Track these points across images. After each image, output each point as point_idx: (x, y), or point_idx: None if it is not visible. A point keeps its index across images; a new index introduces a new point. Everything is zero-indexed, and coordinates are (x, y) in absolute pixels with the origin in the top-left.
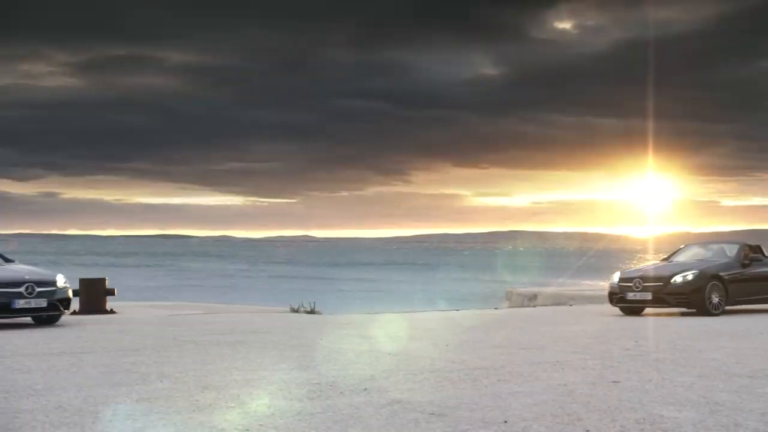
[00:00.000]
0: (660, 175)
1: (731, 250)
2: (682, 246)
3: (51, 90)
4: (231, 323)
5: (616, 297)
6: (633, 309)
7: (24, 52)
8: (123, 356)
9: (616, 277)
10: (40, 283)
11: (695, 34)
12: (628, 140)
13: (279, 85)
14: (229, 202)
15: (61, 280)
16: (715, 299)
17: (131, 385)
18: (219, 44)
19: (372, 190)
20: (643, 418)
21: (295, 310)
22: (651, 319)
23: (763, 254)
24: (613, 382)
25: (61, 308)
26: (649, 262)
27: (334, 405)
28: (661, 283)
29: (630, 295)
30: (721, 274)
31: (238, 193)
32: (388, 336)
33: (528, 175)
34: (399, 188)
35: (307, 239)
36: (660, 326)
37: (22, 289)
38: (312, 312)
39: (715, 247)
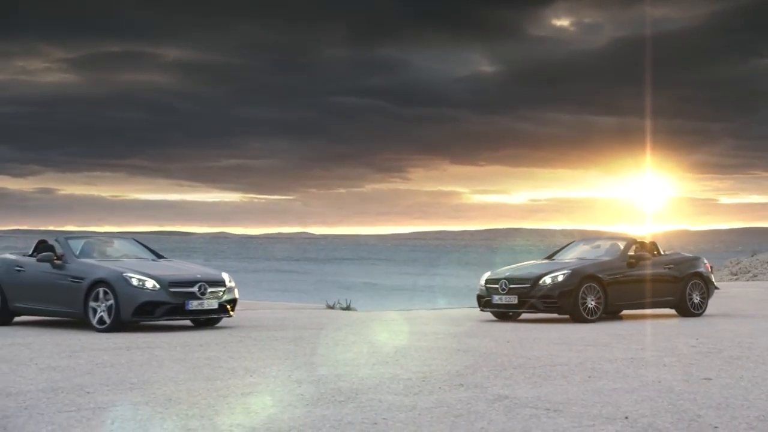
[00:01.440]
0: (657, 173)
1: (619, 247)
2: (569, 242)
3: (47, 86)
4: (275, 319)
5: (483, 300)
6: (506, 314)
7: (20, 48)
8: (192, 351)
9: (483, 278)
10: (211, 283)
11: (691, 32)
12: (626, 138)
13: (276, 82)
14: (226, 199)
15: (228, 280)
16: (591, 303)
17: (224, 380)
18: (216, 41)
19: (370, 188)
20: (763, 416)
21: (330, 307)
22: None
23: (659, 252)
24: (705, 379)
25: (230, 310)
26: (526, 262)
27: (443, 400)
28: (527, 285)
29: (496, 299)
30: (600, 274)
31: (235, 190)
32: (440, 333)
33: (526, 172)
34: (397, 185)
35: (305, 236)
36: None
37: (194, 289)
38: (348, 309)
39: (604, 243)
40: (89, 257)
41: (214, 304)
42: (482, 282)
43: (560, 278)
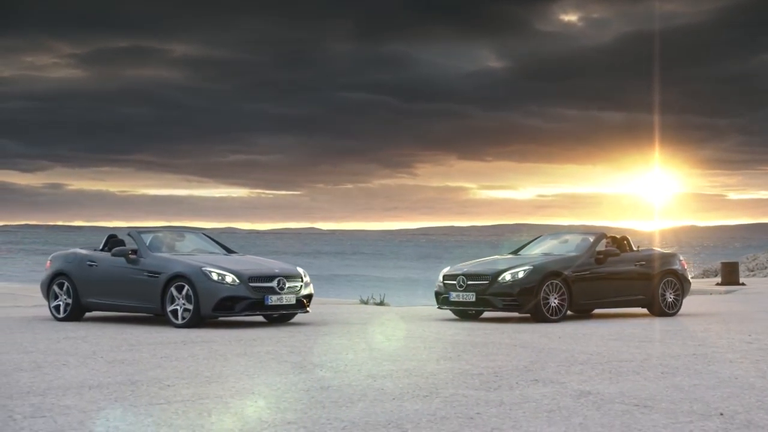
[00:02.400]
0: (666, 169)
1: (588, 242)
2: (537, 237)
3: (55, 81)
4: (315, 315)
5: (441, 297)
6: (467, 312)
7: (28, 43)
8: (249, 346)
9: (442, 273)
10: (289, 277)
11: (699, 27)
12: (634, 133)
13: (283, 77)
14: (233, 194)
15: (304, 274)
16: (554, 302)
17: (295, 374)
18: (223, 36)
19: (377, 183)
20: None
21: (364, 302)
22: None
23: (630, 248)
24: None
25: (306, 306)
26: (488, 257)
27: (527, 395)
28: (486, 282)
29: (453, 296)
30: (564, 271)
31: (242, 186)
32: (486, 328)
33: (533, 168)
34: (404, 181)
35: (313, 231)
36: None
37: (273, 284)
38: (381, 304)
39: (573, 238)
40: (160, 252)
41: (292, 299)
42: (440, 278)
43: (521, 275)
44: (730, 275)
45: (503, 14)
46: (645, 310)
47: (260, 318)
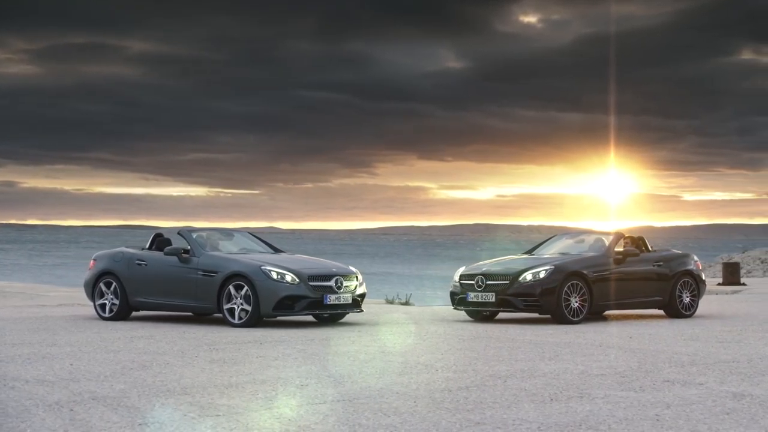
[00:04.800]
0: (622, 170)
1: (605, 242)
2: (551, 236)
3: (9, 78)
4: (360, 315)
5: (457, 298)
6: (481, 313)
7: None
8: (333, 345)
9: (457, 273)
10: (345, 276)
11: (657, 29)
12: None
13: (244, 75)
14: (192, 193)
15: (358, 273)
16: (575, 303)
17: (421, 374)
18: (182, 33)
19: (337, 182)
20: None
21: (390, 302)
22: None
23: (646, 248)
24: None
25: (361, 305)
26: (505, 257)
27: (682, 395)
28: (506, 282)
29: (472, 296)
30: (585, 271)
31: (201, 184)
32: (532, 329)
33: (493, 168)
34: (364, 180)
35: (273, 231)
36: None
37: (332, 283)
38: (406, 303)
39: (588, 238)
40: (213, 250)
41: (348, 298)
42: (456, 278)
43: (542, 275)
44: (731, 276)
45: (463, 14)
46: (654, 312)
47: (308, 318)
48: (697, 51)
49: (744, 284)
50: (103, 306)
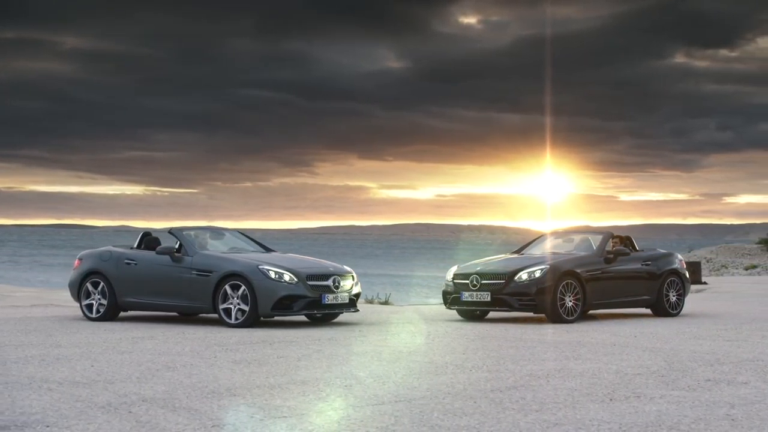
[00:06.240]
0: (559, 170)
1: (595, 242)
2: (540, 236)
3: None
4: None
5: (451, 297)
6: (473, 312)
7: None
8: (343, 346)
9: (450, 272)
10: (342, 276)
11: (594, 32)
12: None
13: (182, 73)
14: (128, 192)
15: (353, 273)
16: (569, 302)
17: (454, 374)
18: (120, 30)
19: (276, 181)
20: None
21: (369, 302)
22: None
23: (634, 247)
24: None
25: (356, 305)
26: (497, 256)
27: (740, 395)
28: (502, 281)
29: (466, 296)
30: (578, 270)
31: (137, 183)
32: (538, 329)
33: (432, 168)
34: (304, 180)
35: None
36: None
37: (329, 283)
38: (386, 303)
39: (576, 237)
40: (203, 249)
41: (345, 298)
42: (449, 277)
43: (537, 274)
44: (693, 274)
45: (403, 15)
46: (636, 311)
47: (301, 318)
48: (633, 54)
49: (705, 283)
50: (89, 306)
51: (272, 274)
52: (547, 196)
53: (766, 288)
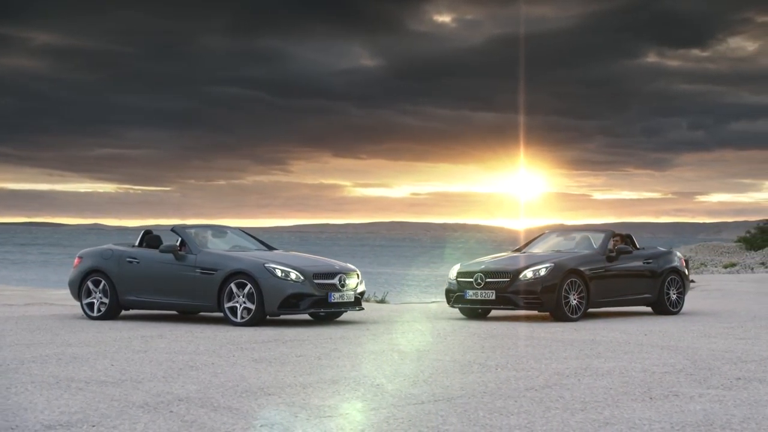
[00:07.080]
0: (533, 169)
1: (596, 240)
2: (540, 234)
3: None
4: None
5: (454, 296)
6: (475, 311)
7: None
8: (361, 345)
9: (453, 271)
10: (347, 274)
11: (567, 31)
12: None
13: (155, 70)
14: (100, 189)
15: (358, 271)
16: (574, 300)
17: (481, 374)
18: (89, 26)
19: (250, 179)
20: None
21: (365, 300)
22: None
23: (634, 245)
24: None
25: (361, 303)
26: (500, 254)
27: (764, 396)
28: (507, 279)
29: (470, 294)
30: (582, 268)
31: (109, 181)
32: (552, 327)
33: (407, 166)
34: (278, 177)
35: None
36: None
37: (335, 281)
38: (382, 301)
39: (578, 236)
40: (205, 248)
41: (351, 296)
42: (452, 275)
43: (543, 272)
44: None
45: (377, 13)
46: (636, 309)
47: (304, 317)
48: (605, 53)
49: (693, 281)
50: (90, 305)
51: (279, 273)
52: (521, 194)
53: (754, 286)
